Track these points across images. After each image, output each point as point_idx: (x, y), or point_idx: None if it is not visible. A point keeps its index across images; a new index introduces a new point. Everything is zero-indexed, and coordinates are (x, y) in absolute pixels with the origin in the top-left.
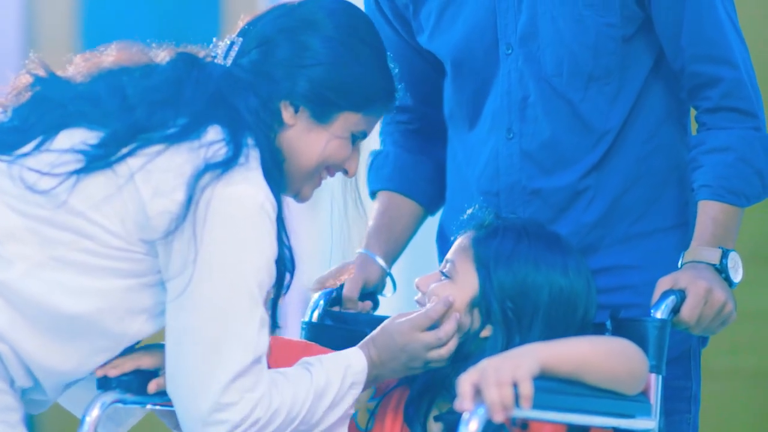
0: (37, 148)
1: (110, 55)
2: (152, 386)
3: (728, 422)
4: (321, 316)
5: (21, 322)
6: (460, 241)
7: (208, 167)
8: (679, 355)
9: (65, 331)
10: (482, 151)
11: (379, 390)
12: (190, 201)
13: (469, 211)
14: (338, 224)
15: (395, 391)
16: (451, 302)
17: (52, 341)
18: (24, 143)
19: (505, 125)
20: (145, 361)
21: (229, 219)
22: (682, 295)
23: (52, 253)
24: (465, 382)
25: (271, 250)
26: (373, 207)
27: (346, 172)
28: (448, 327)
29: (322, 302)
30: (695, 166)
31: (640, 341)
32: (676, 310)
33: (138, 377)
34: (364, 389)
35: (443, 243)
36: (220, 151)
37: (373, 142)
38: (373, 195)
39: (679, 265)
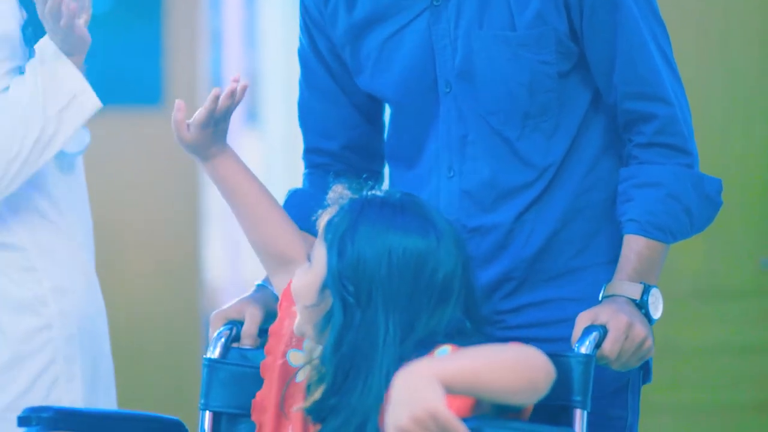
0: None
1: None
2: None
3: None
4: (223, 353)
5: None
6: (321, 224)
7: None
8: (617, 387)
9: None
10: (423, 190)
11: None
12: None
13: (330, 195)
14: None
15: None
16: None
17: None
18: None
19: (446, 164)
20: None
21: None
22: (604, 330)
23: None
24: None
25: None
26: None
27: None
28: None
29: (223, 339)
30: (625, 199)
31: (565, 376)
32: (598, 345)
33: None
34: None
35: None
36: None
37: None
38: None
39: (600, 298)
